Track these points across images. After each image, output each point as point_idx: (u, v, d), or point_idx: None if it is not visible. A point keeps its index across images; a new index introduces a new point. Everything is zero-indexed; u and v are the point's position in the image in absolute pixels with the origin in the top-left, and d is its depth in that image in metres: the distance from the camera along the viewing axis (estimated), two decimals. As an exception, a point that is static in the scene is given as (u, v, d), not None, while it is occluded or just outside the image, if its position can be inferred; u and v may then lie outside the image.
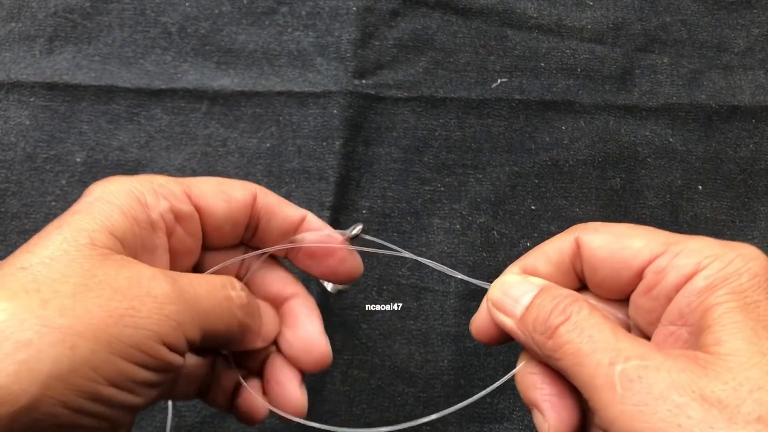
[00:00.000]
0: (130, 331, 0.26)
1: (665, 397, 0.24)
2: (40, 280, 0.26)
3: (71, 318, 0.25)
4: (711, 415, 0.23)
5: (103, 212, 0.29)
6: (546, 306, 0.29)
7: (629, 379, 0.25)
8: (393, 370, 0.48)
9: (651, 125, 0.54)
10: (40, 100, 0.51)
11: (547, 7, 0.55)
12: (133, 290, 0.26)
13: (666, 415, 0.24)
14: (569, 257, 0.31)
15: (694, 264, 0.28)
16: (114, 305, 0.26)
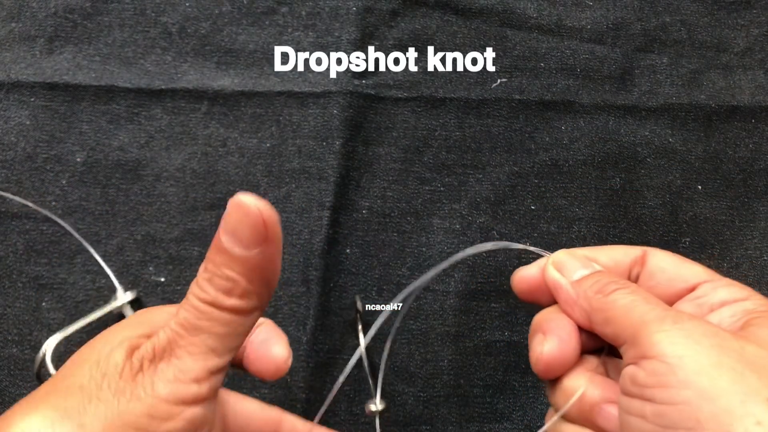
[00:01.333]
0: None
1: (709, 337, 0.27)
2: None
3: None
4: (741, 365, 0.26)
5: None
6: (604, 278, 0.32)
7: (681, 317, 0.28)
8: (393, 370, 0.48)
9: (651, 125, 0.54)
10: (40, 100, 0.51)
11: (547, 7, 0.55)
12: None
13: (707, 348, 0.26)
14: (630, 263, 0.35)
15: (746, 294, 0.31)
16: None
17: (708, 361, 0.26)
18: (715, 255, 0.52)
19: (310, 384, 0.47)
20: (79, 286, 0.48)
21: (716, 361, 0.26)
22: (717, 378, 0.25)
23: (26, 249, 0.48)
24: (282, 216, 0.50)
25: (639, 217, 0.52)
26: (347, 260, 0.50)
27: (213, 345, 0.28)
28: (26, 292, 0.48)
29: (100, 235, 0.49)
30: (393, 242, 0.50)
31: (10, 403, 0.46)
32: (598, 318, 0.31)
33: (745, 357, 0.26)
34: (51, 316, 0.47)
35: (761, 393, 0.25)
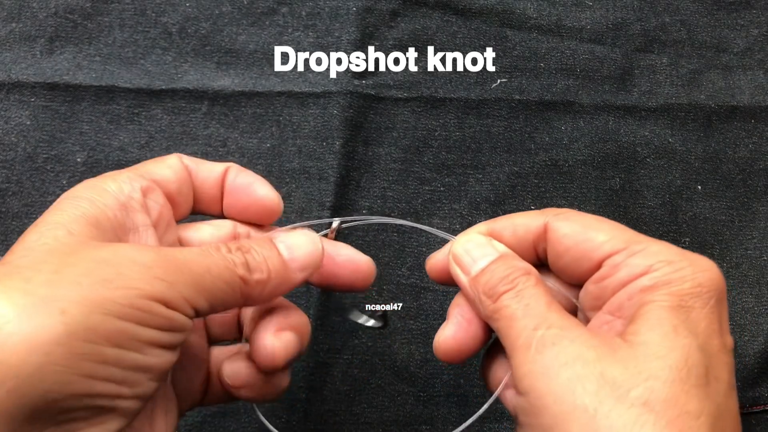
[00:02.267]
0: (121, 291, 0.26)
1: (570, 366, 0.27)
2: (22, 265, 0.26)
3: (57, 287, 0.25)
4: (603, 391, 0.26)
5: (72, 205, 0.30)
6: (498, 273, 0.32)
7: (544, 344, 0.28)
8: (393, 370, 0.48)
9: (650, 125, 0.54)
10: (40, 100, 0.51)
11: (547, 7, 0.55)
12: (117, 259, 0.27)
13: (565, 381, 0.26)
14: (534, 237, 0.33)
15: (647, 265, 0.29)
16: (100, 272, 0.26)
17: (565, 398, 0.26)
18: (715, 255, 0.52)
19: (310, 384, 0.47)
20: (79, 286, 0.48)
21: (571, 399, 0.26)
22: (573, 417, 0.26)
23: (26, 249, 0.48)
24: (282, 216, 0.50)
25: (639, 217, 0.52)
26: (347, 260, 0.50)
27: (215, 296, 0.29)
28: (26, 292, 0.48)
29: (101, 235, 0.49)
30: (393, 242, 0.50)
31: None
32: (491, 324, 0.31)
33: (605, 379, 0.26)
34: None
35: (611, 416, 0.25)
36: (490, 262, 0.32)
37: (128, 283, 0.26)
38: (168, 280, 0.27)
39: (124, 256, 0.27)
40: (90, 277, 0.26)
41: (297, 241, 0.33)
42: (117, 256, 0.27)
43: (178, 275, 0.28)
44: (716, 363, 0.27)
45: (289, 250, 0.33)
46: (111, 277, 0.26)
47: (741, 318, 0.50)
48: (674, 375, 0.26)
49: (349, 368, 0.48)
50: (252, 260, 0.31)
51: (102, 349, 0.25)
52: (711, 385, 0.27)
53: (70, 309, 0.25)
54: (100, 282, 0.26)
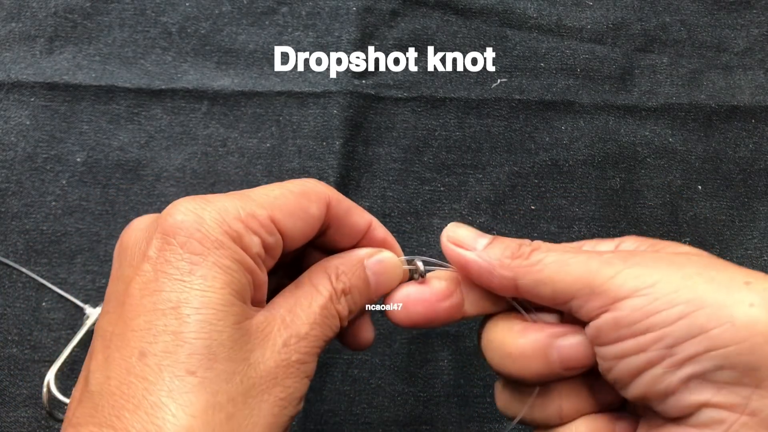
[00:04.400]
0: (288, 410, 0.28)
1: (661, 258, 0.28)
2: (214, 385, 0.26)
3: (251, 426, 0.26)
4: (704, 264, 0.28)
5: (226, 272, 0.27)
6: (508, 243, 0.31)
7: (623, 256, 0.29)
8: (393, 370, 0.48)
9: (651, 125, 0.54)
10: (40, 100, 0.51)
11: (547, 7, 0.55)
12: (280, 370, 0.28)
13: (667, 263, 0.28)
14: None
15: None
16: (275, 392, 0.28)
17: (676, 277, 0.27)
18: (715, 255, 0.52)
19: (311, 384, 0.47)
20: (79, 286, 0.48)
21: (682, 274, 0.27)
22: (694, 287, 0.27)
23: (26, 249, 0.48)
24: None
25: (639, 217, 0.52)
26: (347, 260, 0.50)
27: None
28: (26, 292, 0.48)
29: (100, 235, 0.49)
30: (393, 242, 0.50)
31: (10, 402, 0.46)
32: (527, 283, 0.30)
33: (695, 262, 0.28)
34: (51, 316, 0.47)
35: (736, 280, 0.27)
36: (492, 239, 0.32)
37: (292, 397, 0.28)
38: (308, 376, 0.29)
39: (280, 362, 0.28)
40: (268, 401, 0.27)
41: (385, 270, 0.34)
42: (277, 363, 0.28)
43: (312, 361, 0.30)
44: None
45: (376, 277, 0.33)
46: (281, 395, 0.28)
47: (741, 318, 0.50)
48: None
49: (349, 368, 0.48)
50: (352, 304, 0.32)
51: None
52: None
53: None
54: (278, 405, 0.27)
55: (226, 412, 0.25)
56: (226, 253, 0.27)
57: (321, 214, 0.32)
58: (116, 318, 0.27)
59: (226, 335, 0.26)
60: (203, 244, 0.27)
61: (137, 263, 0.28)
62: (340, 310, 0.31)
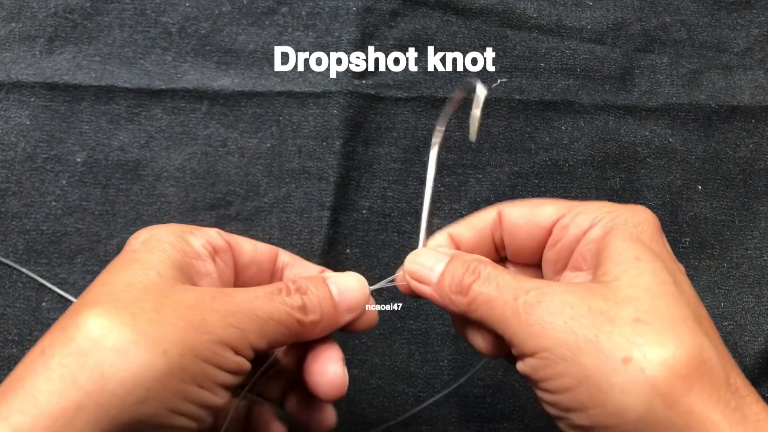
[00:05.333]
0: (206, 337, 0.29)
1: (560, 312, 0.29)
2: (125, 300, 0.29)
3: (159, 327, 0.28)
4: (597, 321, 0.28)
5: (160, 248, 0.33)
6: (458, 270, 0.33)
7: (530, 306, 0.30)
8: (393, 370, 0.48)
9: (651, 125, 0.54)
10: (40, 100, 0.51)
11: (547, 7, 0.55)
12: (200, 306, 0.30)
13: (562, 326, 0.28)
14: (490, 226, 0.36)
15: (591, 219, 0.33)
16: (189, 317, 0.29)
17: (566, 346, 0.28)
18: (715, 255, 0.52)
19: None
20: (79, 286, 0.48)
21: (572, 342, 0.28)
22: (579, 360, 0.28)
23: (26, 249, 0.48)
24: (282, 216, 0.50)
25: (639, 217, 0.52)
26: (347, 260, 0.50)
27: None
28: (26, 292, 0.48)
29: (100, 235, 0.49)
30: (393, 242, 0.50)
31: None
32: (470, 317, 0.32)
33: (588, 323, 0.28)
34: (51, 316, 0.47)
35: (616, 355, 0.27)
36: (445, 265, 0.34)
37: (209, 328, 0.29)
38: (239, 327, 0.30)
39: (205, 303, 0.30)
40: (183, 320, 0.29)
41: (348, 284, 0.36)
42: (199, 302, 0.30)
43: (248, 323, 0.31)
44: (679, 279, 0.30)
45: (340, 293, 0.35)
46: (197, 321, 0.29)
47: (741, 318, 0.50)
48: (651, 294, 0.29)
49: (349, 368, 0.47)
50: (308, 302, 0.33)
51: (188, 387, 0.28)
52: (683, 296, 0.29)
53: (171, 349, 0.28)
54: (191, 326, 0.29)
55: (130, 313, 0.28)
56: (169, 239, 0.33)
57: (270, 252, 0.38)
58: None
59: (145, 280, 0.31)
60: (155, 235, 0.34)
61: None
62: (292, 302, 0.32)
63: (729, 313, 0.50)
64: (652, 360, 0.26)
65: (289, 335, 0.33)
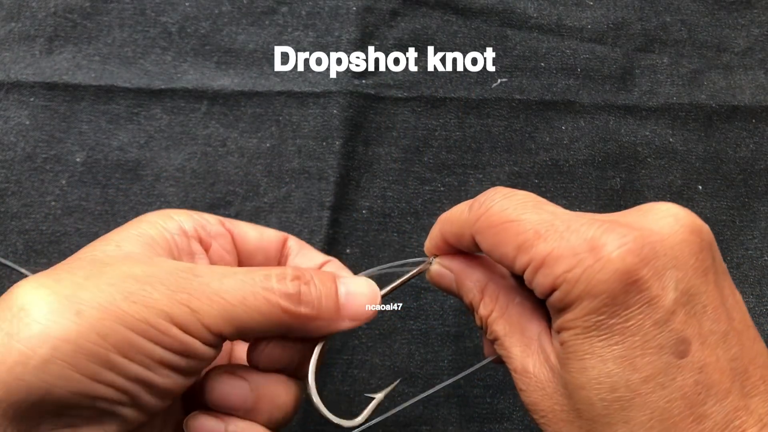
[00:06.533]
0: (138, 307, 0.28)
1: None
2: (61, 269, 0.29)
3: (80, 290, 0.27)
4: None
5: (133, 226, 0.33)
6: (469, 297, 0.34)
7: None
8: (393, 370, 0.48)
9: (651, 125, 0.54)
10: (40, 100, 0.51)
11: (547, 7, 0.55)
12: (146, 278, 0.29)
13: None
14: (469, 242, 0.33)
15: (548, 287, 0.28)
16: (125, 285, 0.28)
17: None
18: (716, 255, 0.52)
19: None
20: (78, 286, 0.48)
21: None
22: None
23: (26, 249, 0.48)
24: (282, 216, 0.50)
25: (639, 217, 0.52)
26: (347, 260, 0.50)
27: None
28: (26, 292, 0.48)
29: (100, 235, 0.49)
30: (393, 242, 0.50)
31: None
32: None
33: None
34: (51, 316, 0.47)
35: None
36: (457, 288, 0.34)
37: (148, 300, 0.28)
38: (191, 306, 0.29)
39: (153, 276, 0.29)
40: (114, 287, 0.28)
41: (359, 290, 0.33)
42: (147, 274, 0.29)
43: (205, 304, 0.29)
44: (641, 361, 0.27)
45: (348, 296, 0.33)
46: (134, 290, 0.28)
47: (742, 318, 0.50)
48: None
49: (349, 368, 0.48)
50: (306, 292, 0.31)
51: (109, 355, 0.27)
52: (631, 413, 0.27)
53: (86, 312, 0.27)
54: (122, 293, 0.28)
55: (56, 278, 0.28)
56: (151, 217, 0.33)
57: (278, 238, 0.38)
58: None
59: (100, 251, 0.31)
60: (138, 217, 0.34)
61: None
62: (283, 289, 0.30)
63: (729, 313, 0.50)
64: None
65: (269, 324, 0.30)
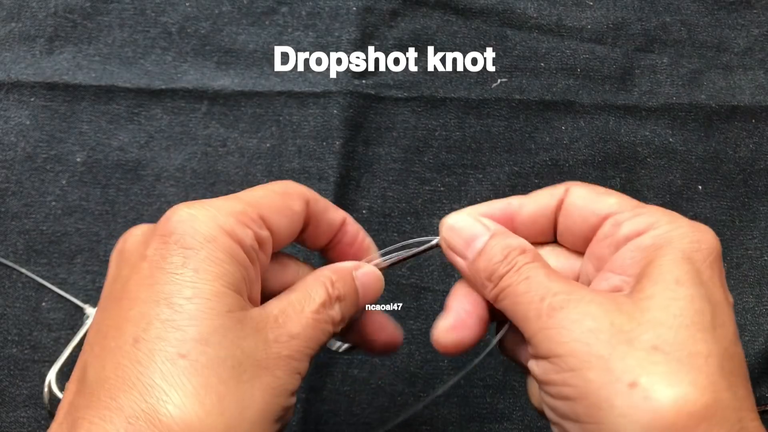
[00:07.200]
0: (278, 399, 0.28)
1: (580, 322, 0.28)
2: (206, 369, 0.26)
3: (244, 410, 0.26)
4: (615, 339, 0.27)
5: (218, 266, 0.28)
6: (496, 255, 0.32)
7: (553, 309, 0.29)
8: (393, 370, 0.48)
9: (651, 125, 0.54)
10: (40, 100, 0.51)
11: (547, 7, 0.55)
12: (270, 361, 0.28)
13: (578, 336, 0.28)
14: (555, 205, 0.34)
15: (648, 223, 0.31)
16: (265, 380, 0.28)
17: (578, 356, 0.27)
18: (716, 255, 0.52)
19: (310, 384, 0.47)
20: (79, 286, 0.48)
21: (584, 354, 0.27)
22: (585, 375, 0.27)
23: (26, 249, 0.48)
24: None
25: (639, 217, 0.52)
26: (347, 260, 0.50)
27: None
28: (26, 292, 0.48)
29: (100, 235, 0.49)
30: (393, 242, 0.50)
31: (10, 402, 0.46)
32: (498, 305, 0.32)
33: (605, 339, 0.27)
34: (51, 316, 0.47)
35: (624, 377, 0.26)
36: (484, 243, 0.33)
37: (283, 388, 0.28)
38: (299, 372, 0.29)
39: (271, 352, 0.28)
40: (259, 388, 0.27)
41: (371, 282, 0.35)
42: (268, 354, 0.28)
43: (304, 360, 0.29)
44: (720, 312, 0.28)
45: (363, 289, 0.34)
46: (271, 383, 0.28)
47: (741, 318, 0.50)
48: (679, 321, 0.27)
49: (349, 368, 0.48)
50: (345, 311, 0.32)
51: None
52: (717, 330, 0.28)
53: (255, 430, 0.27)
54: (268, 392, 0.27)
55: (217, 393, 0.26)
56: (218, 245, 0.28)
57: (302, 211, 0.33)
58: (113, 312, 0.28)
59: (218, 322, 0.27)
60: (196, 239, 0.28)
61: (135, 263, 0.29)
62: (333, 316, 0.32)
63: (729, 313, 0.50)
64: (658, 391, 0.26)
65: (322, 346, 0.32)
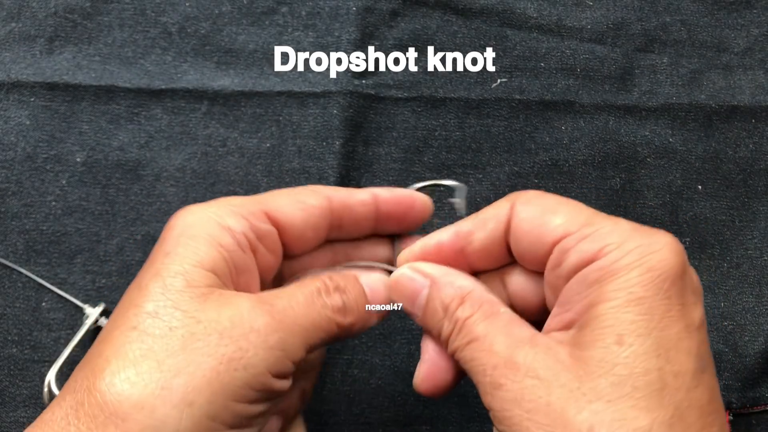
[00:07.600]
0: (240, 373, 0.27)
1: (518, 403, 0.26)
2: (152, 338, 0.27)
3: (185, 376, 0.26)
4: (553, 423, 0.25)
5: (190, 248, 0.29)
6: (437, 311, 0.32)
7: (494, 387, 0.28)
8: (393, 370, 0.48)
9: (651, 125, 0.54)
10: (40, 100, 0.51)
11: (547, 7, 0.55)
12: (236, 330, 0.27)
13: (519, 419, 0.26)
14: (504, 224, 0.32)
15: (594, 251, 0.28)
16: (222, 351, 0.27)
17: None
18: (715, 255, 0.52)
19: (310, 384, 0.47)
20: (79, 286, 0.48)
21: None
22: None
23: (26, 249, 0.48)
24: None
25: (639, 217, 0.52)
26: (347, 260, 0.50)
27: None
28: (26, 292, 0.48)
29: (100, 235, 0.49)
30: (393, 242, 0.50)
31: (10, 402, 0.46)
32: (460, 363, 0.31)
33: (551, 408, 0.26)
34: (51, 316, 0.47)
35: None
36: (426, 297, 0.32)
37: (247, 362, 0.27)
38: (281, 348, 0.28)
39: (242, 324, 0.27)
40: (213, 356, 0.26)
41: (377, 284, 0.34)
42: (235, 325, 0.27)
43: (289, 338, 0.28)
44: (675, 356, 0.26)
45: (371, 293, 0.33)
46: (231, 354, 0.27)
47: (741, 318, 0.50)
48: (618, 392, 0.25)
49: (349, 368, 0.48)
50: (348, 302, 0.32)
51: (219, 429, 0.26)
52: (667, 387, 0.25)
53: (197, 400, 0.26)
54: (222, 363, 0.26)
55: (157, 360, 0.26)
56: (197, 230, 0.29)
57: (321, 204, 0.33)
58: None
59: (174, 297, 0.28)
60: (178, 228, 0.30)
61: None
62: (334, 303, 0.31)
63: (729, 313, 0.50)
64: None
65: (326, 341, 0.31)
